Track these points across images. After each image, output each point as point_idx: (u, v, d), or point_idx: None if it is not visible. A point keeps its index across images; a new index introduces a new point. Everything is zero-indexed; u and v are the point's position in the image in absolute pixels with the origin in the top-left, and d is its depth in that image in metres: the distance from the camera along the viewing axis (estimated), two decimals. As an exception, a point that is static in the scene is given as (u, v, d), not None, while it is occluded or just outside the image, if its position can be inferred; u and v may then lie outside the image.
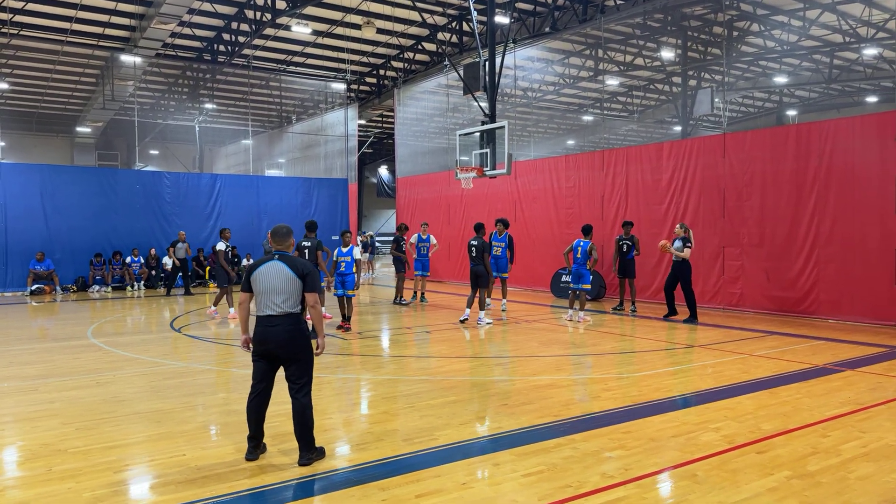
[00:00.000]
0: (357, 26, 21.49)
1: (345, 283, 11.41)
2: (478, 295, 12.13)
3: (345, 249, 11.51)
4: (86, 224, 19.50)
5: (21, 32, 20.54)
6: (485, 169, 14.39)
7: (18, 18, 19.67)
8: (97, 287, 19.10)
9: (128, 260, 19.76)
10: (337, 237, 21.24)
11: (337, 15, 20.87)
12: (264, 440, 5.25)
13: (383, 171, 40.77)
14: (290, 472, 4.85)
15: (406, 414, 6.44)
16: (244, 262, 21.59)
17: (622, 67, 24.78)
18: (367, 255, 23.69)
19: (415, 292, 15.95)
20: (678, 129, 26.62)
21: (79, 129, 33.13)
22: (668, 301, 12.60)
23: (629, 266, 13.61)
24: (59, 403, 6.76)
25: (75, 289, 19.07)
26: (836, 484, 4.60)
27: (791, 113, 30.54)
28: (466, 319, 12.14)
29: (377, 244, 38.63)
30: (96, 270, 19.30)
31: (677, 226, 12.42)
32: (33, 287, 18.19)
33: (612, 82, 26.66)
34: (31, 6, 19.03)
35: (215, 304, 13.55)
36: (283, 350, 5.01)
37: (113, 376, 7.98)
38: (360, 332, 11.25)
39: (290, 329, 5.01)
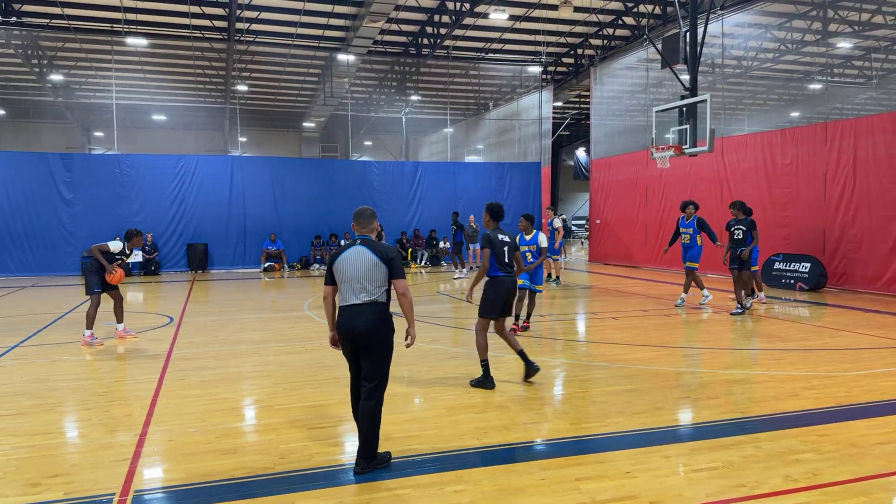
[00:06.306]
0: (554, 7, 21.27)
1: (532, 277, 9.62)
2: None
3: (527, 237, 9.72)
4: (308, 210, 21.82)
5: (256, 39, 23.33)
6: (683, 147, 13.59)
7: (254, 27, 22.36)
8: (317, 265, 21.27)
9: (342, 242, 21.73)
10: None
11: (534, -2, 20.87)
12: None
13: (580, 153, 40.06)
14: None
15: (578, 399, 6.41)
16: (441, 244, 22.68)
17: (857, 28, 21.76)
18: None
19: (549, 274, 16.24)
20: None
21: (305, 124, 36.86)
22: None
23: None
24: (272, 366, 7.73)
25: (299, 267, 21.43)
26: None
27: None
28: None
29: (572, 228, 38.17)
30: (316, 251, 21.51)
31: None
32: (266, 265, 20.76)
33: (845, 45, 23.51)
34: (264, 15, 21.53)
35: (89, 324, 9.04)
36: (363, 340, 4.55)
37: (320, 345, 8.89)
38: (543, 315, 11.27)
39: (372, 318, 4.54)
